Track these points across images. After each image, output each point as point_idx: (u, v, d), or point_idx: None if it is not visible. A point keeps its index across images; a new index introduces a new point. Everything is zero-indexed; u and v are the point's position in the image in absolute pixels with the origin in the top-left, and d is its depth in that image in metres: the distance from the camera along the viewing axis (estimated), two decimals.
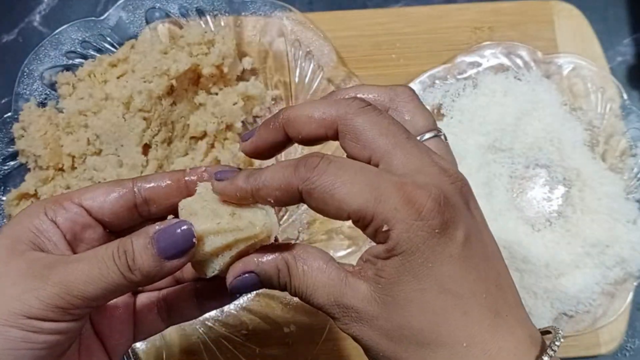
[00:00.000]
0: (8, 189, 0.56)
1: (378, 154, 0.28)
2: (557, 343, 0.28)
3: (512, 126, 0.58)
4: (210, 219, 0.29)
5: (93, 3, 0.66)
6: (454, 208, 0.27)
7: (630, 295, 0.56)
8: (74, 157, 0.55)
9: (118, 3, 0.60)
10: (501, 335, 0.27)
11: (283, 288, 0.30)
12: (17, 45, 0.65)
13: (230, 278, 0.30)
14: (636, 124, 0.60)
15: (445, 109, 0.61)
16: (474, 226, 0.28)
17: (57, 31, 0.59)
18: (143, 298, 0.37)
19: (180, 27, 0.60)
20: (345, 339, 0.57)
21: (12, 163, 0.57)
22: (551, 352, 0.27)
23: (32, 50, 0.58)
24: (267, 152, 0.32)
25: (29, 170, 0.57)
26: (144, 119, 0.54)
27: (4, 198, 0.56)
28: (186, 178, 0.33)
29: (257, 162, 0.58)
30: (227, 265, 0.30)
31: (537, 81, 0.61)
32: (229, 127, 0.58)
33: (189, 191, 0.32)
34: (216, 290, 0.36)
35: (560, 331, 0.30)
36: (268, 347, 0.54)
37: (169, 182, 0.33)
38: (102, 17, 0.60)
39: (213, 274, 0.31)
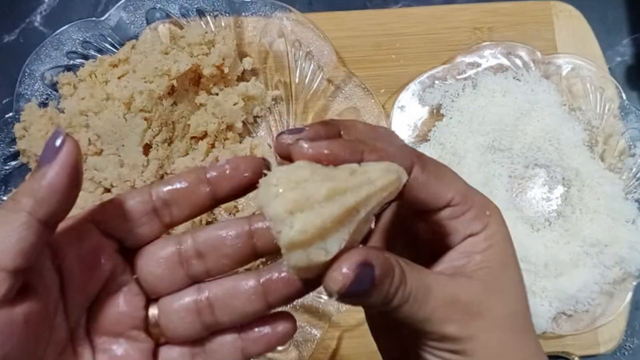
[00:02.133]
0: (9, 188, 0.56)
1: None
2: None
3: (512, 126, 0.59)
4: (330, 179, 0.24)
5: (94, 3, 0.66)
6: None
7: (629, 295, 0.56)
8: None
9: (119, 3, 0.60)
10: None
11: (391, 295, 0.26)
12: (18, 46, 0.65)
13: (345, 269, 0.24)
14: (635, 124, 0.61)
15: (445, 109, 0.61)
16: None
17: (58, 31, 0.59)
18: (169, 352, 0.31)
19: (181, 28, 0.60)
20: (345, 338, 0.57)
21: (13, 163, 0.57)
22: None
23: (33, 50, 0.58)
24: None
25: (30, 170, 0.57)
26: (145, 119, 0.55)
27: (5, 198, 0.56)
28: (208, 175, 0.29)
29: None
30: (350, 243, 0.25)
31: (537, 81, 0.61)
32: (229, 127, 0.58)
33: (212, 188, 0.29)
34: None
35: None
36: None
37: (189, 180, 0.30)
38: (103, 18, 0.60)
39: (333, 254, 0.24)
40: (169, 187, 0.30)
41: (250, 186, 0.29)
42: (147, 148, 0.56)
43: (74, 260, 0.28)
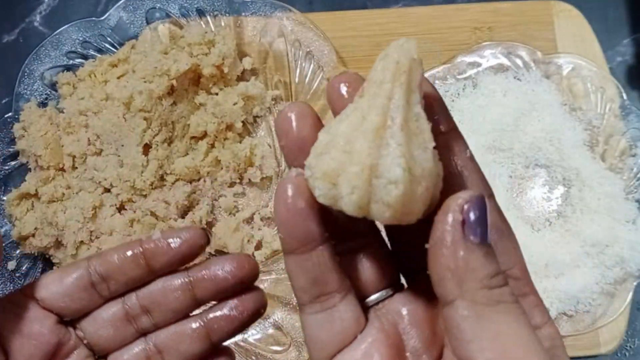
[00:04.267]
0: (9, 189, 0.56)
1: None
2: None
3: (512, 126, 0.58)
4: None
5: (93, 3, 0.66)
6: None
7: (630, 295, 0.56)
8: (74, 157, 0.55)
9: (118, 3, 0.60)
10: None
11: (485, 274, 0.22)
12: (17, 46, 0.65)
13: (469, 198, 0.21)
14: (636, 124, 0.60)
15: None
16: None
17: (57, 31, 0.59)
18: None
19: (181, 28, 0.60)
20: None
21: (12, 163, 0.57)
22: None
23: (32, 50, 0.58)
24: None
25: (29, 170, 0.57)
26: (145, 119, 0.54)
27: (4, 198, 0.56)
28: (144, 246, 0.31)
29: (256, 162, 0.58)
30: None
31: (537, 81, 0.61)
32: (229, 127, 0.58)
33: (147, 262, 0.31)
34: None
35: None
36: (267, 346, 0.54)
37: (124, 255, 0.31)
38: (102, 18, 0.60)
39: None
40: (105, 262, 0.31)
41: (189, 258, 0.31)
42: (146, 148, 0.56)
43: (15, 335, 0.30)
